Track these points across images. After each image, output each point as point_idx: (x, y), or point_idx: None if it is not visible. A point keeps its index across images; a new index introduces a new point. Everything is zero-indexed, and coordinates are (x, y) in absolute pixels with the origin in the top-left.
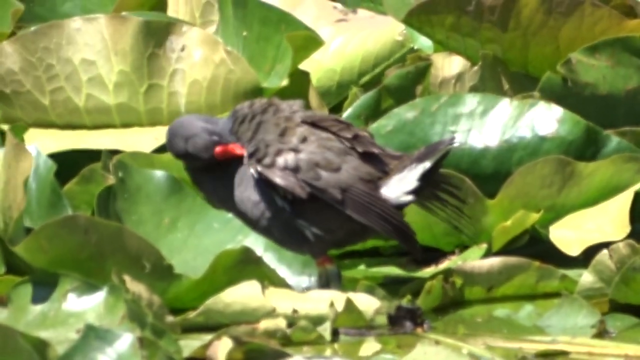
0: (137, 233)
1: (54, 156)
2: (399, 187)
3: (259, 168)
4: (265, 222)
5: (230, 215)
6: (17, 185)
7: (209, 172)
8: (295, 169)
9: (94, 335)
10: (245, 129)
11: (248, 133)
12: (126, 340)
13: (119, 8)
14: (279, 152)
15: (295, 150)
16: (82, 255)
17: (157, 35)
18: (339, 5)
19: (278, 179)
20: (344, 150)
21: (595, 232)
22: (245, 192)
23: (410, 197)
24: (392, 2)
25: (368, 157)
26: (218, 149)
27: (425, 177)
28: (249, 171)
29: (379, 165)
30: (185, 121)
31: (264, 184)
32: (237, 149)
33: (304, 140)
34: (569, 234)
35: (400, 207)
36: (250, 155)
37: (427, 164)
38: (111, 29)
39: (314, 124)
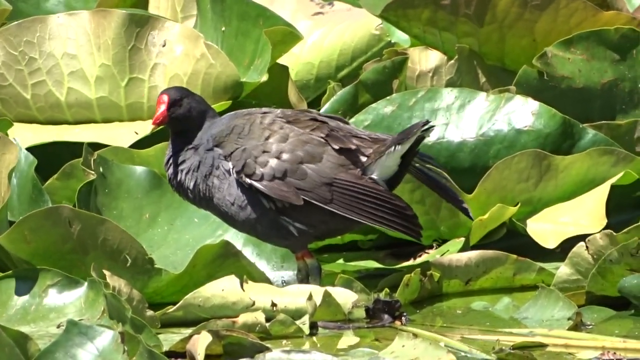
0: (120, 226)
1: (34, 150)
2: (378, 174)
3: (249, 181)
4: (250, 221)
5: None
6: (1, 178)
7: (187, 173)
8: (283, 175)
9: (76, 331)
10: (234, 140)
11: (232, 144)
12: (108, 335)
13: (101, 5)
14: (265, 163)
15: (279, 154)
16: (64, 247)
17: (138, 29)
18: None
19: (269, 190)
20: (323, 143)
21: (572, 225)
22: (229, 195)
23: (392, 176)
24: None
25: (345, 151)
26: (163, 98)
27: (402, 161)
28: (231, 175)
29: (357, 156)
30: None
31: (251, 190)
32: (158, 115)
33: (285, 139)
34: (546, 227)
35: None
36: (239, 171)
37: (401, 149)
38: (94, 23)
39: (292, 122)
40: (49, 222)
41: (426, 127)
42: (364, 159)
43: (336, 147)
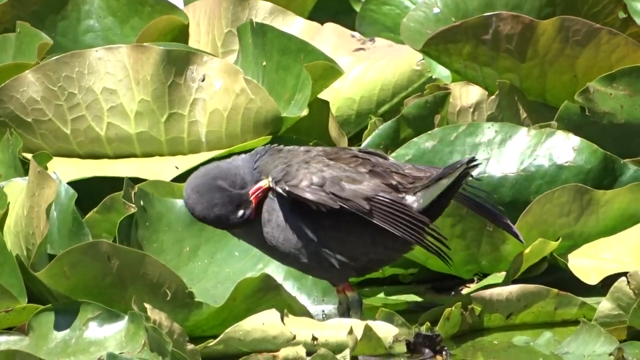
0: (159, 260)
1: (75, 184)
2: (417, 207)
3: (287, 187)
4: (295, 253)
5: None
6: (40, 212)
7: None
8: (321, 185)
9: None
10: (274, 163)
11: (276, 163)
12: None
13: (141, 39)
14: (304, 175)
15: (320, 171)
16: (104, 282)
17: (178, 64)
18: (357, 34)
19: (308, 194)
20: (363, 175)
21: (614, 262)
22: (276, 228)
23: (432, 209)
24: (409, 32)
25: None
26: (251, 192)
27: (441, 199)
28: (277, 197)
29: (397, 190)
30: (202, 187)
31: (294, 216)
32: (262, 182)
33: (327, 166)
34: (588, 263)
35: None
36: (277, 181)
37: (444, 184)
38: (132, 59)
39: (334, 160)
40: (87, 257)
41: (471, 164)
42: (403, 192)
43: (377, 181)
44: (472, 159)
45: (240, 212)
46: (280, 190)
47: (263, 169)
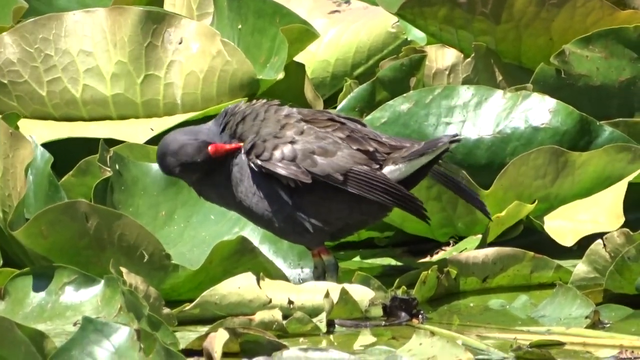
0: (137, 221)
1: (49, 146)
2: (395, 178)
3: (259, 162)
4: (269, 215)
5: None
6: (16, 173)
7: (207, 174)
8: (292, 159)
9: (92, 328)
10: (249, 126)
11: (254, 128)
12: (124, 332)
13: (116, 3)
14: (276, 146)
15: (292, 142)
16: (81, 242)
17: (155, 26)
18: None
19: (280, 169)
20: (339, 143)
21: (589, 223)
22: (250, 188)
23: (409, 181)
24: None
25: (362, 152)
26: (211, 148)
27: (419, 172)
28: (249, 167)
29: (375, 158)
30: (169, 138)
31: (267, 178)
32: (227, 145)
33: (301, 133)
34: (563, 225)
35: None
36: (249, 152)
37: (425, 159)
38: (110, 20)
39: (310, 122)
40: (66, 217)
41: (453, 141)
42: (381, 160)
43: (354, 147)
44: (454, 135)
45: (202, 154)
46: (252, 165)
47: (235, 130)
